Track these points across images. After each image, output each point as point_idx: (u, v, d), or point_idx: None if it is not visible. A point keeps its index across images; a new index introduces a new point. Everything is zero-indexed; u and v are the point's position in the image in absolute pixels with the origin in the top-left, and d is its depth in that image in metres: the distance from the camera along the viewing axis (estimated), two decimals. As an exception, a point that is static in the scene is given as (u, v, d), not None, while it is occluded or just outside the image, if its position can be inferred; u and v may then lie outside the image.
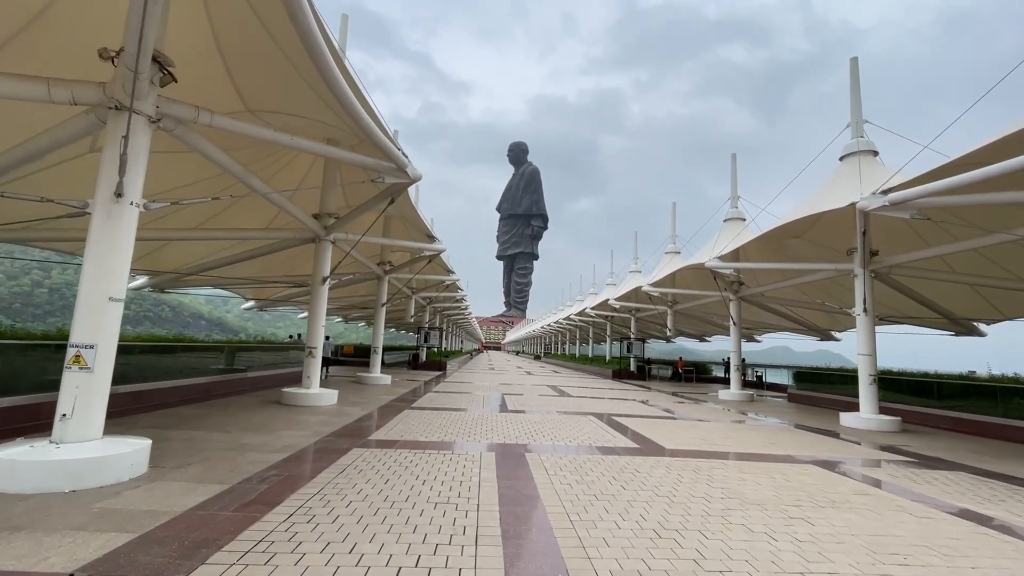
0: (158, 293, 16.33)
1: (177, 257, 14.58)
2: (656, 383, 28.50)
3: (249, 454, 6.45)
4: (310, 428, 8.54)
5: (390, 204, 10.38)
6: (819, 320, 22.89)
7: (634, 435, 9.43)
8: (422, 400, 13.66)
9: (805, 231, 16.51)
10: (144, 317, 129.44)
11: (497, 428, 9.45)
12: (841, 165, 13.81)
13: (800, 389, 20.04)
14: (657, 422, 11.44)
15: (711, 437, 9.64)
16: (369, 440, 7.77)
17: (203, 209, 12.82)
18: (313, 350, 11.87)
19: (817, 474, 6.87)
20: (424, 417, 10.42)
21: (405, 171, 8.69)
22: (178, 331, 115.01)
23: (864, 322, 12.78)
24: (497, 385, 20.35)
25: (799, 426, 12.35)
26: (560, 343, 74.60)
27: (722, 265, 16.83)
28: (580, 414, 12.29)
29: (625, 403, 15.60)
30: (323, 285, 12.05)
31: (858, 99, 13.68)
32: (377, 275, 18.57)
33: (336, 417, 9.92)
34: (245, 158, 11.16)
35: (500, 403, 13.84)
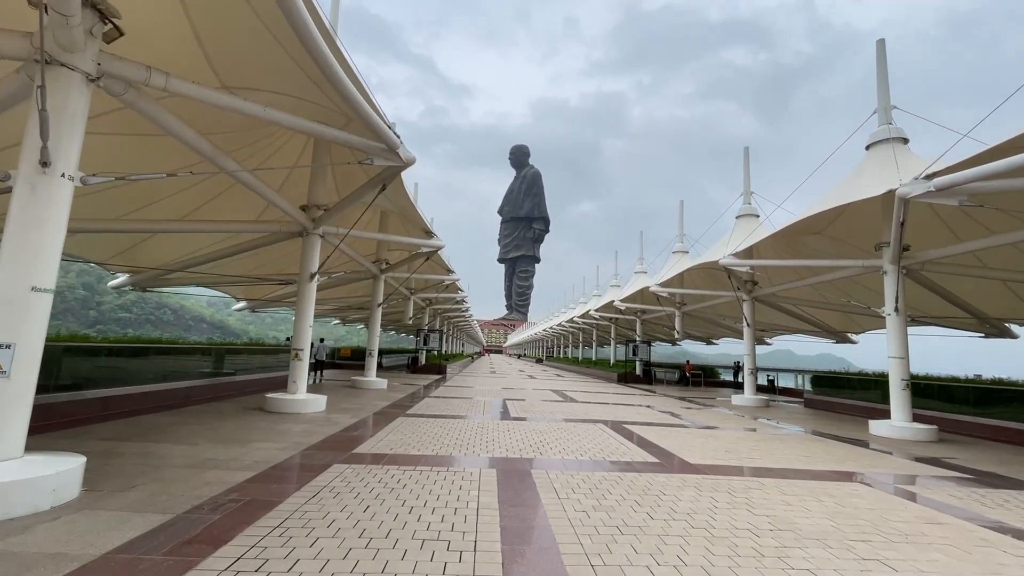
0: (141, 292, 15.44)
1: (160, 253, 13.69)
2: (663, 387, 27.52)
3: (210, 472, 5.53)
4: (290, 439, 7.62)
5: (381, 191, 9.48)
6: (835, 321, 21.92)
7: (651, 447, 8.48)
8: (419, 406, 12.73)
9: (825, 226, 15.58)
10: (146, 320, 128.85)
11: (499, 439, 8.52)
12: (868, 154, 12.88)
13: (818, 394, 19.05)
14: (673, 431, 10.49)
15: (737, 449, 8.69)
16: (354, 454, 6.84)
17: (185, 201, 11.96)
18: (300, 352, 10.96)
19: (870, 496, 5.92)
20: (419, 426, 9.49)
21: (396, 152, 7.79)
22: (179, 334, 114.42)
23: (895, 323, 11.83)
24: (499, 390, 19.41)
25: (825, 435, 11.38)
26: (563, 346, 73.58)
27: (738, 262, 15.90)
28: (588, 421, 11.35)
29: (634, 409, 14.65)
30: (311, 282, 11.15)
31: (885, 83, 12.77)
32: (373, 274, 17.67)
33: (322, 426, 9.00)
34: (226, 144, 10.30)
35: (502, 409, 12.91)
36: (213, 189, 12.03)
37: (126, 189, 10.62)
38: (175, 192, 11.49)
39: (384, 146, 7.64)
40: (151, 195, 11.23)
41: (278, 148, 11.91)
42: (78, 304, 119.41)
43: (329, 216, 10.81)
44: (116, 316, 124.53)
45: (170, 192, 11.44)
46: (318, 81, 7.34)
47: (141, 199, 11.23)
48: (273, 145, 11.67)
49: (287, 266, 18.23)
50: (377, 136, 7.48)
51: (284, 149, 12.06)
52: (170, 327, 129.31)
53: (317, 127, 7.08)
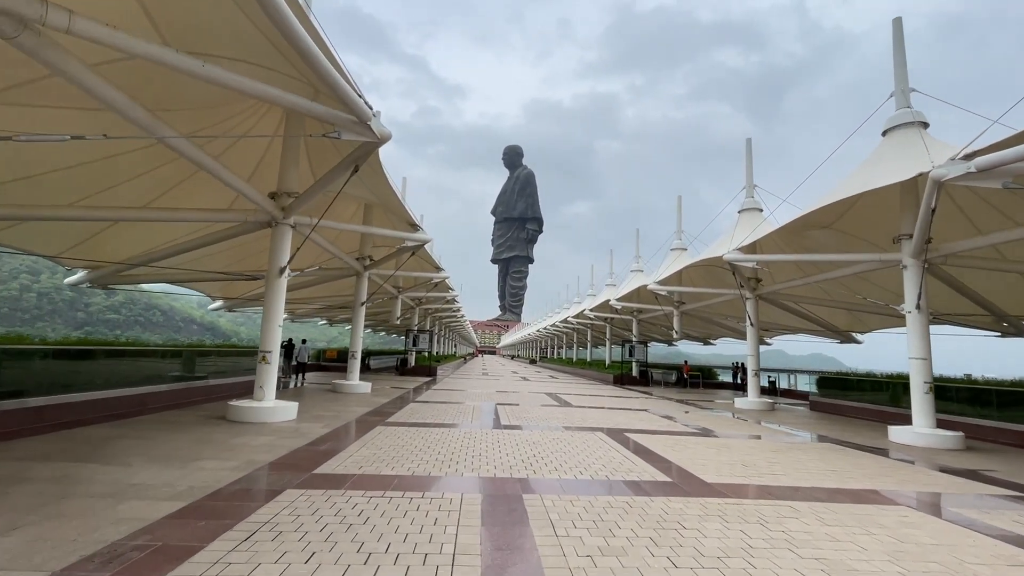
0: (102, 289, 14.27)
1: (120, 246, 12.56)
2: (660, 389, 26.63)
3: (128, 504, 4.49)
4: (244, 455, 6.58)
5: (354, 173, 8.45)
6: (840, 320, 21.11)
7: (659, 460, 7.52)
8: (402, 412, 11.71)
9: (834, 220, 14.73)
10: (135, 322, 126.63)
11: (488, 452, 7.52)
12: (885, 140, 12.02)
13: (824, 397, 18.21)
14: (679, 440, 9.54)
15: (754, 462, 7.74)
16: (316, 475, 5.82)
17: (144, 188, 10.86)
18: (267, 355, 9.90)
19: (926, 525, 4.98)
20: (398, 437, 8.47)
21: (368, 126, 6.78)
22: (169, 336, 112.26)
23: (917, 321, 10.96)
24: (491, 393, 18.40)
25: (843, 442, 10.49)
26: (556, 347, 72.65)
27: (743, 257, 15.00)
28: (587, 429, 10.37)
29: (635, 415, 13.70)
30: (280, 277, 10.10)
31: (903, 65, 11.91)
32: (355, 271, 16.60)
33: (287, 438, 7.96)
34: (186, 125, 9.24)
35: (493, 416, 11.91)
36: (174, 176, 10.95)
37: (75, 173, 9.53)
38: (131, 178, 10.40)
39: (354, 118, 6.63)
40: (103, 180, 10.14)
41: (246, 131, 10.85)
42: (65, 306, 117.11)
43: (300, 204, 9.75)
44: (105, 318, 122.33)
45: (126, 178, 10.34)
46: (275, 41, 6.33)
47: (92, 185, 10.13)
48: (241, 126, 10.61)
49: (265, 263, 17.15)
50: (345, 105, 6.46)
51: (253, 132, 11.00)
52: (160, 328, 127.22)
53: (271, 91, 6.06)
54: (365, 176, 10.77)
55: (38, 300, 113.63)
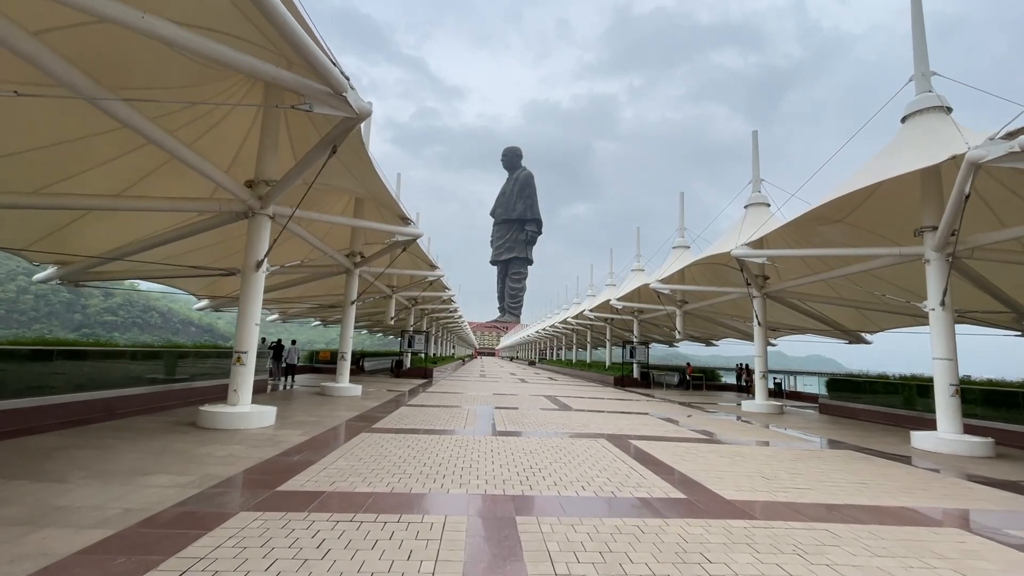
0: (74, 286, 13.50)
1: (91, 239, 11.80)
2: (662, 391, 25.88)
3: (41, 534, 3.73)
4: (203, 468, 5.82)
5: (332, 154, 7.70)
6: (849, 320, 20.39)
7: (669, 472, 6.77)
8: (391, 417, 10.95)
9: (847, 213, 14.00)
10: (132, 324, 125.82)
11: (480, 463, 6.77)
12: (904, 127, 11.31)
13: (834, 399, 17.47)
14: (688, 448, 8.79)
15: (775, 474, 6.99)
16: (279, 493, 5.06)
17: (114, 176, 10.10)
18: (243, 356, 9.13)
19: (992, 554, 4.24)
20: (383, 445, 7.72)
21: (344, 98, 6.03)
22: (167, 337, 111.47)
23: (941, 319, 10.23)
24: (488, 396, 17.64)
25: (863, 449, 9.75)
26: (556, 348, 71.89)
27: (753, 253, 14.26)
28: (589, 436, 9.62)
29: (638, 419, 12.95)
30: (257, 272, 9.34)
31: (923, 47, 11.21)
32: (345, 268, 15.85)
33: (258, 447, 7.20)
34: (150, 108, 8.49)
35: (489, 421, 11.16)
36: (144, 164, 10.20)
37: (32, 159, 8.78)
38: (97, 165, 9.64)
39: (327, 88, 5.88)
40: (66, 168, 9.39)
41: (221, 117, 10.12)
42: (63, 308, 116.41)
43: (278, 192, 8.99)
44: (102, 320, 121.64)
45: (90, 165, 9.59)
46: (244, 9, 5.58)
47: (55, 172, 9.38)
48: (214, 113, 9.87)
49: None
50: (317, 74, 5.72)
51: (228, 120, 10.27)
52: (157, 330, 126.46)
53: (224, 50, 5.29)
54: (349, 161, 10.04)
55: (35, 302, 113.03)
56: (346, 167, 10.52)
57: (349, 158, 9.84)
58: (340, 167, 10.57)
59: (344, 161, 10.08)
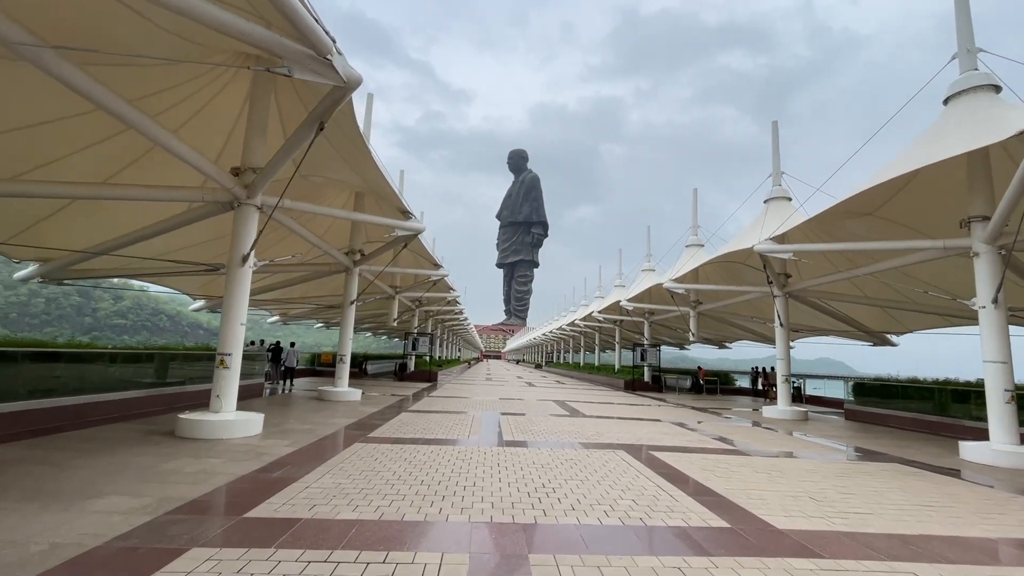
0: (58, 285, 12.82)
1: (71, 234, 11.11)
2: (675, 395, 24.93)
3: (-73, 583, 2.94)
4: (163, 490, 5.03)
5: (319, 132, 6.91)
6: (874, 320, 19.37)
7: (702, 492, 5.89)
8: (390, 425, 10.14)
9: (879, 206, 13.05)
10: (142, 327, 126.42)
11: (486, 480, 5.93)
12: (947, 109, 10.39)
13: (861, 404, 16.46)
14: (718, 461, 7.90)
15: (821, 493, 6.10)
16: (245, 520, 4.25)
17: (94, 162, 9.40)
18: (226, 358, 8.37)
19: None
20: (377, 458, 6.90)
21: (327, 62, 5.25)
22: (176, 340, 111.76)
23: (993, 318, 9.28)
24: (494, 401, 16.80)
25: (908, 462, 8.80)
26: (563, 351, 70.91)
27: (778, 248, 13.34)
28: (604, 446, 8.76)
29: (655, 426, 12.06)
30: (243, 267, 8.57)
31: (967, 22, 10.30)
32: (344, 266, 15.10)
33: (237, 460, 6.41)
34: (132, 87, 7.80)
35: (495, 429, 10.32)
36: (126, 152, 9.50)
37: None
38: (74, 151, 8.95)
39: (309, 50, 5.11)
40: (39, 154, 8.70)
41: (209, 99, 9.40)
42: (73, 311, 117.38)
43: (264, 179, 8.23)
44: (112, 323, 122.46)
45: (69, 150, 8.89)
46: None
47: (28, 159, 8.69)
48: (200, 95, 9.15)
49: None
50: (296, 31, 4.94)
51: (216, 102, 9.55)
52: (166, 333, 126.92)
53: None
54: (341, 146, 9.28)
55: (46, 305, 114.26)
56: (339, 154, 9.77)
57: (341, 142, 9.08)
58: (334, 154, 9.82)
59: (337, 146, 9.32)
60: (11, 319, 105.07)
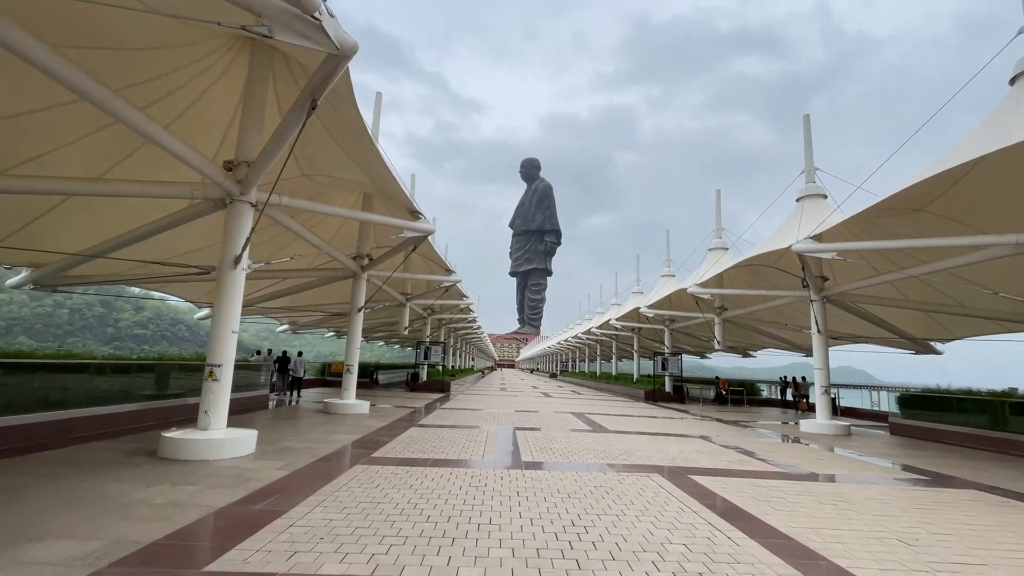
0: (51, 292, 12.27)
1: (63, 238, 10.53)
2: (698, 407, 23.68)
3: None
4: (120, 528, 4.20)
5: (311, 113, 6.12)
6: (917, 327, 18.03)
7: (767, 533, 4.88)
8: (397, 442, 9.27)
9: (932, 200, 11.90)
10: (161, 337, 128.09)
11: (504, 516, 5.01)
12: (1016, 88, 9.31)
13: (909, 418, 15.14)
14: (772, 488, 6.86)
15: (911, 533, 5.05)
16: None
17: (85, 154, 8.78)
18: (216, 370, 7.59)
19: None
20: (379, 484, 6.02)
21: (316, 24, 4.46)
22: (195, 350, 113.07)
23: (1081, 321, 8.11)
24: (509, 413, 15.85)
25: (991, 488, 7.64)
26: (578, 360, 69.59)
27: (820, 247, 12.25)
28: (636, 469, 7.76)
29: (687, 443, 10.99)
30: (235, 270, 7.82)
31: (1035, -8, 9.23)
32: (352, 271, 14.36)
33: (216, 488, 5.57)
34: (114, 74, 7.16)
35: (511, 447, 9.39)
36: (117, 147, 8.87)
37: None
38: (58, 147, 8.33)
39: (292, 7, 4.32)
40: (24, 147, 8.09)
41: (202, 92, 8.74)
42: (96, 321, 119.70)
43: (258, 172, 7.49)
44: (133, 333, 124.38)
45: (52, 146, 8.28)
46: None
47: (8, 155, 8.10)
48: (193, 85, 8.50)
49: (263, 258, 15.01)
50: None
51: (214, 95, 8.89)
52: (186, 343, 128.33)
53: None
54: (342, 137, 8.52)
55: (70, 316, 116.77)
56: (343, 148, 9.03)
57: (344, 134, 8.34)
58: (337, 149, 9.09)
59: (339, 139, 8.58)
60: (36, 330, 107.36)
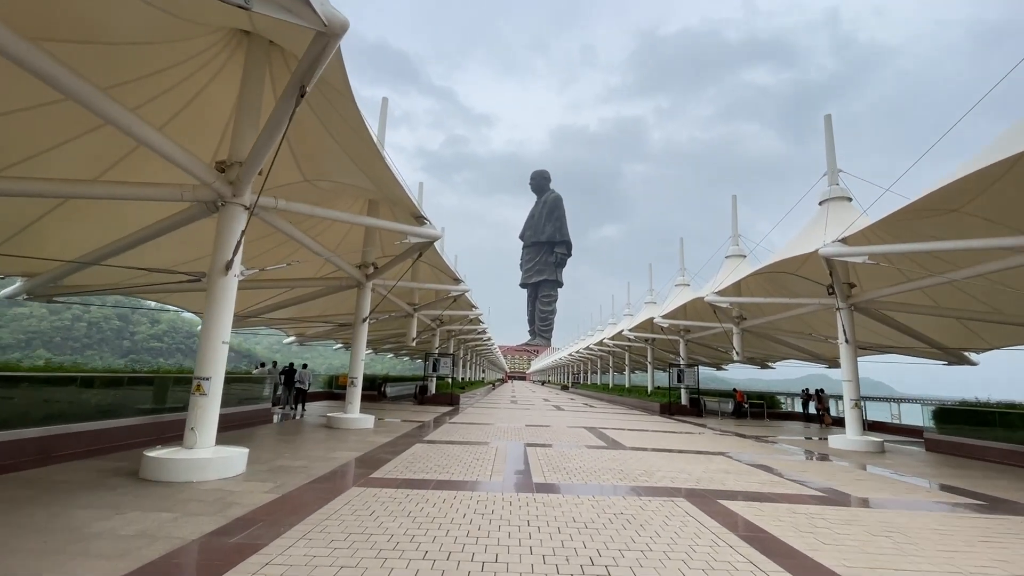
0: (47, 303, 11.93)
1: (55, 246, 10.18)
2: (717, 420, 22.74)
3: None
4: (71, 568, 3.64)
5: (301, 100, 5.64)
6: (949, 336, 17.06)
7: (820, 573, 4.18)
8: (399, 460, 8.65)
9: (969, 200, 11.14)
10: (176, 350, 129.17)
11: (510, 552, 4.37)
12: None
13: (946, 433, 14.18)
14: (815, 516, 6.12)
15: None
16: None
17: (72, 166, 8.44)
18: (204, 383, 7.08)
19: None
20: (374, 510, 5.41)
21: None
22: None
23: None
24: (519, 428, 15.16)
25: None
26: (590, 372, 68.51)
27: (849, 252, 11.50)
28: (659, 493, 7.06)
29: (712, 462, 10.23)
30: (226, 276, 7.34)
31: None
32: (356, 280, 13.89)
33: (192, 516, 5.01)
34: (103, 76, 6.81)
35: (521, 465, 8.72)
36: (110, 150, 8.52)
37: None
38: (46, 150, 7.98)
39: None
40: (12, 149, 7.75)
41: (199, 91, 8.38)
42: (113, 335, 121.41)
43: (249, 172, 7.03)
44: (149, 346, 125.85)
45: (36, 149, 7.93)
46: None
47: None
48: (189, 84, 8.13)
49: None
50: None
51: (210, 95, 8.53)
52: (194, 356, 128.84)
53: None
54: (342, 136, 8.07)
55: (88, 329, 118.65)
56: (343, 148, 8.57)
57: (339, 127, 7.88)
58: (334, 146, 8.64)
59: (335, 134, 8.13)
60: (55, 343, 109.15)
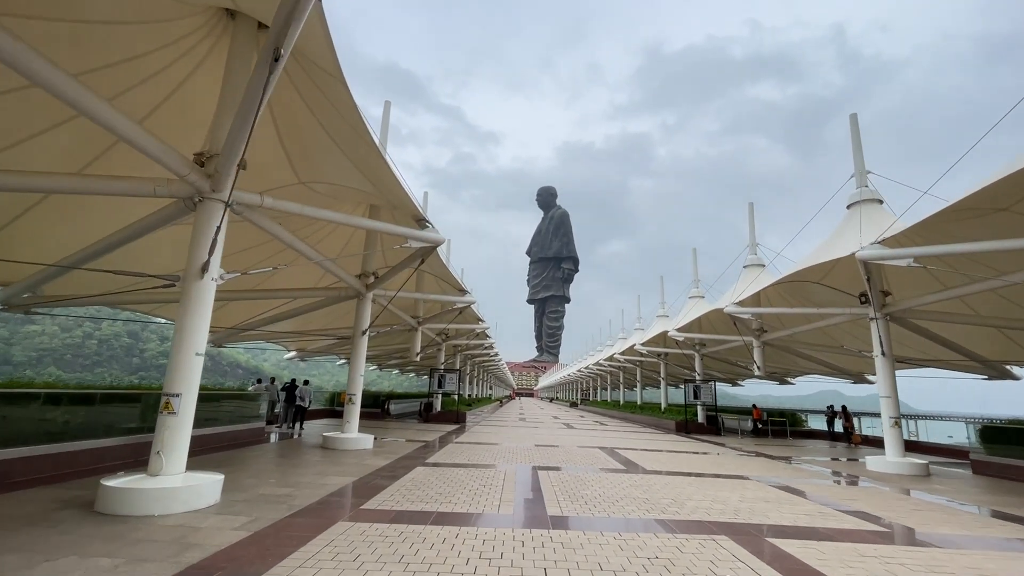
0: (24, 315, 11.24)
1: (36, 251, 9.51)
2: (736, 439, 21.53)
3: None
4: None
5: (275, 66, 4.86)
6: (990, 348, 15.91)
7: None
8: (397, 487, 7.73)
9: (1018, 200, 10.22)
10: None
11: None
12: None
13: (996, 455, 12.97)
14: (885, 560, 5.12)
15: None
16: None
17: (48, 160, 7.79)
18: (173, 401, 6.25)
19: None
20: (357, 553, 4.50)
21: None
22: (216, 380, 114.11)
23: None
24: (528, 449, 14.15)
25: None
26: (599, 388, 67.02)
27: (892, 255, 10.53)
28: (695, 529, 6.07)
29: (745, 488, 9.18)
30: (202, 280, 6.55)
31: None
32: (356, 291, 13.11)
33: (138, 564, 4.13)
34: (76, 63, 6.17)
35: (531, 494, 7.75)
36: (82, 149, 7.87)
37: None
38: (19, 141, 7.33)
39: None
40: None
41: (181, 81, 7.73)
42: (123, 352, 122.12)
43: (228, 162, 6.29)
44: (157, 363, 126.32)
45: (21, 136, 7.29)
46: None
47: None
48: (169, 73, 7.49)
49: (264, 277, 13.92)
50: None
51: (195, 84, 7.88)
52: (207, 374, 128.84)
53: None
54: (337, 131, 7.34)
55: (98, 347, 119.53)
56: (338, 145, 7.86)
57: (330, 116, 7.16)
58: (332, 147, 7.93)
59: (333, 134, 7.43)
60: (66, 360, 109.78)
